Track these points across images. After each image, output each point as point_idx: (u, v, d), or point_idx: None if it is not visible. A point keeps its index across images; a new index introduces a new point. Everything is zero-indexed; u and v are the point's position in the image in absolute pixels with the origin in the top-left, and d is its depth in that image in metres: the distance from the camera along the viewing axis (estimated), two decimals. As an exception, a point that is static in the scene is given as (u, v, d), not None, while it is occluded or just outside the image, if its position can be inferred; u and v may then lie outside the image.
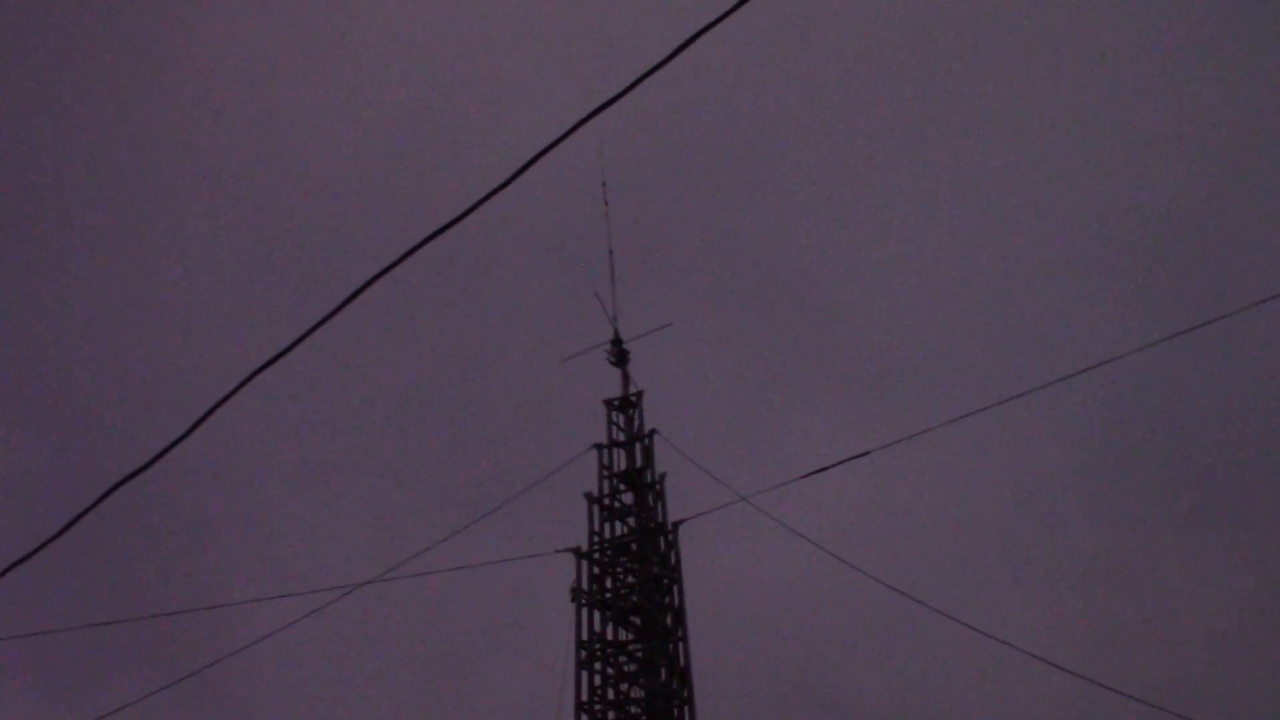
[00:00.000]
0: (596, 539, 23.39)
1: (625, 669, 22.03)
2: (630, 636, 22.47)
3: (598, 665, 21.90)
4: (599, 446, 24.75)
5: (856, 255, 47.60)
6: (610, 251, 26.14)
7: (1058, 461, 41.17)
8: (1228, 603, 36.50)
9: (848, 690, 36.16)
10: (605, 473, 24.43)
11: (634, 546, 23.37)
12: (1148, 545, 39.74)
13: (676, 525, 23.11)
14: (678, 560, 22.75)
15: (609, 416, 25.34)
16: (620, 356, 25.78)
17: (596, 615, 22.47)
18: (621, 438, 25.03)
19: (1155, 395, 39.65)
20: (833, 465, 22.23)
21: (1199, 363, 38.13)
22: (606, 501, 23.99)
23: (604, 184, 26.44)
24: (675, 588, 22.50)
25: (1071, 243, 45.20)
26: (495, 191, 10.97)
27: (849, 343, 46.21)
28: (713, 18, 9.93)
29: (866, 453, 22.24)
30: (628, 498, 24.13)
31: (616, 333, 25.74)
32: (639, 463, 24.52)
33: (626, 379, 25.67)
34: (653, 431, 24.86)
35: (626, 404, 25.43)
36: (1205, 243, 42.86)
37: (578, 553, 22.93)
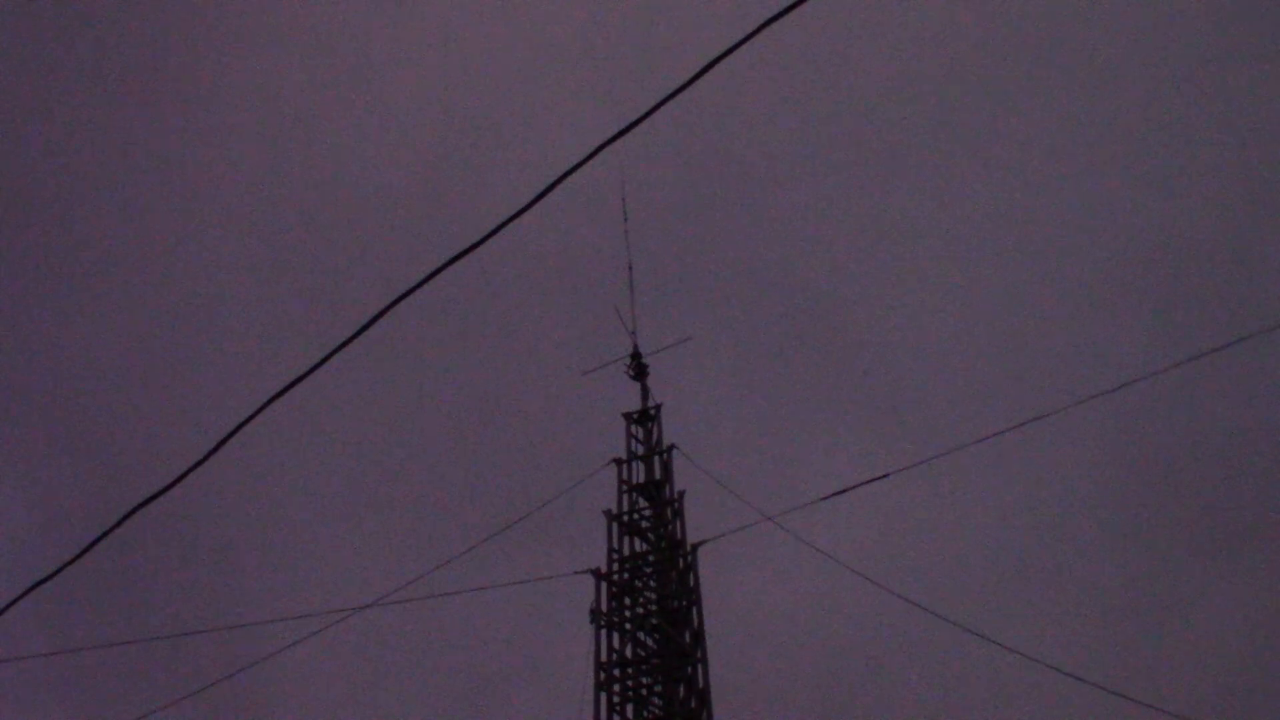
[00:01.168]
0: (616, 556, 23.28)
1: (644, 691, 21.89)
2: (650, 654, 22.34)
3: (616, 687, 21.77)
4: (618, 461, 24.66)
5: (877, 277, 47.53)
6: (630, 266, 26.14)
7: (1078, 486, 41.00)
8: (1252, 629, 36.30)
9: (872, 714, 36.05)
10: (624, 486, 24.34)
11: (651, 558, 23.29)
12: (1169, 570, 39.59)
13: (695, 547, 22.99)
14: (696, 582, 22.61)
15: (628, 429, 25.25)
16: (639, 370, 25.71)
17: (615, 636, 22.34)
18: (641, 451, 24.94)
19: (1176, 420, 39.48)
20: (855, 486, 22.18)
21: (1220, 387, 37.97)
22: (626, 518, 23.88)
23: (624, 199, 26.49)
24: (694, 609, 22.38)
25: (1093, 267, 45.08)
26: (517, 215, 10.98)
27: (869, 364, 46.15)
28: (735, 39, 9.93)
29: (887, 475, 22.19)
30: (647, 522, 24.03)
31: (636, 347, 25.72)
32: (658, 475, 24.46)
33: (646, 392, 25.60)
34: (671, 446, 24.78)
35: (645, 417, 25.35)
36: (1228, 266, 42.70)
37: (597, 574, 22.81)
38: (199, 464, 12.53)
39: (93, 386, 49.48)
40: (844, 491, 22.27)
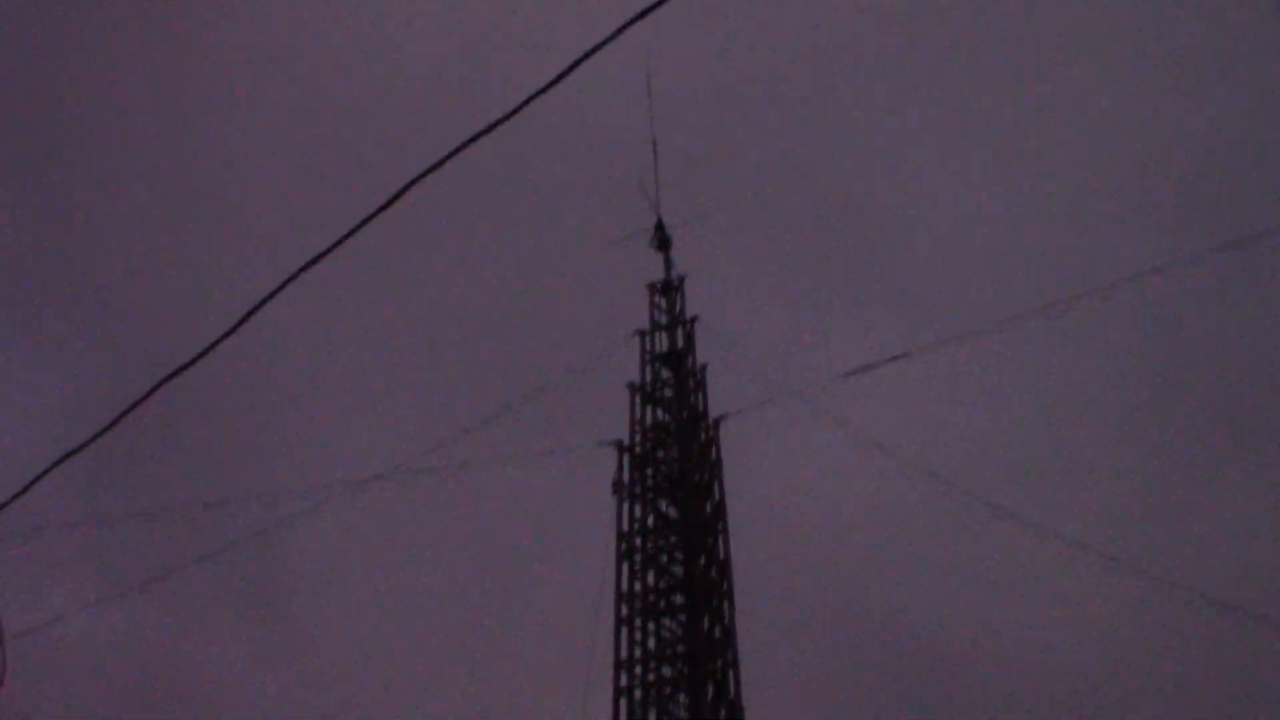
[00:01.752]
0: (638, 430, 23.45)
1: (665, 559, 22.12)
2: (672, 525, 22.54)
3: (638, 557, 22.02)
4: (641, 332, 24.77)
5: (904, 161, 47.11)
6: (654, 141, 25.94)
7: (1102, 371, 40.90)
8: (1271, 513, 36.34)
9: (890, 592, 36.31)
10: (648, 356, 24.46)
11: (673, 428, 23.45)
12: (1191, 454, 39.61)
13: (718, 420, 23.14)
14: (718, 455, 22.80)
15: (651, 300, 25.30)
16: (663, 241, 25.65)
17: (637, 506, 22.56)
18: (664, 321, 25.02)
19: (1200, 309, 39.27)
20: (878, 364, 22.29)
21: (1246, 284, 37.70)
22: (648, 389, 24.02)
23: (649, 75, 26.26)
24: (716, 482, 22.56)
25: (1121, 160, 44.57)
26: (543, 90, 10.88)
27: (894, 247, 45.86)
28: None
29: (908, 354, 22.29)
30: (669, 392, 24.17)
31: (660, 219, 25.62)
32: (680, 345, 24.56)
33: (669, 264, 25.59)
34: (694, 317, 24.87)
35: (669, 288, 25.38)
36: (1252, 163, 42.23)
37: (619, 445, 23.01)
38: (226, 336, 12.59)
39: (121, 260, 49.53)
40: (867, 369, 22.40)
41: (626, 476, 22.75)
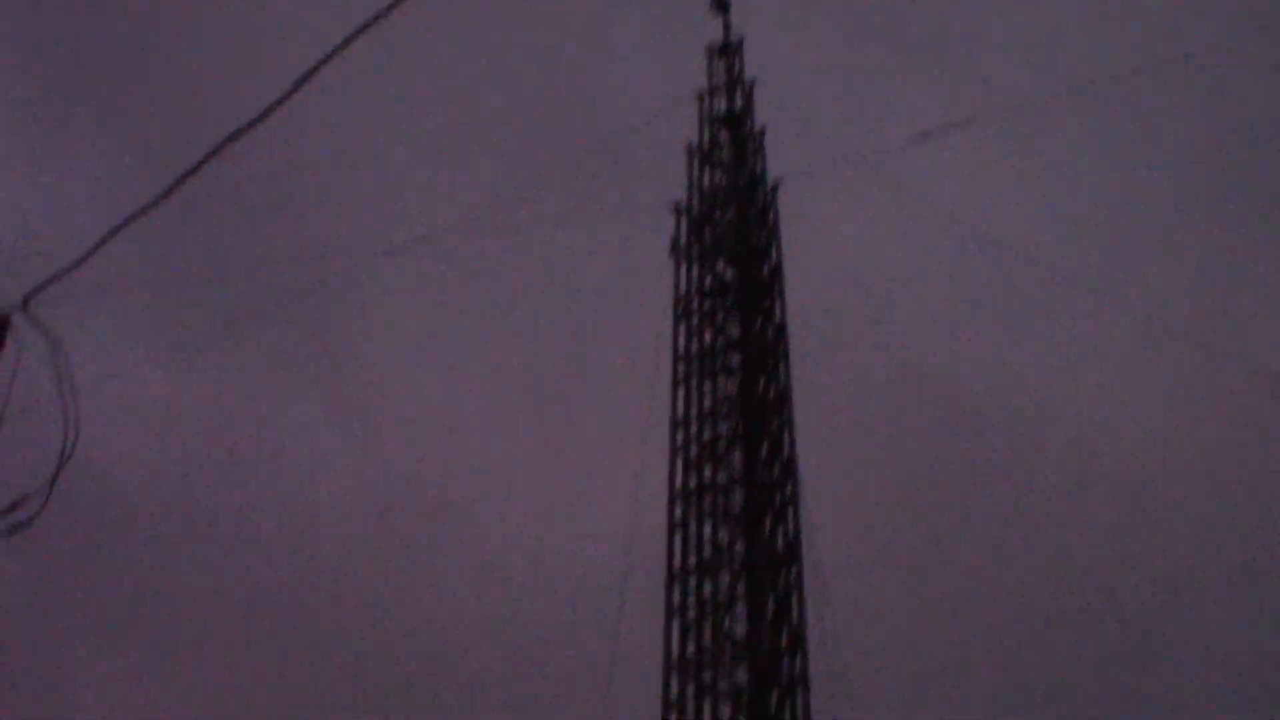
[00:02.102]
0: (696, 192, 23.51)
1: (721, 321, 22.32)
2: (729, 284, 22.71)
3: (695, 318, 22.24)
4: (700, 94, 24.71)
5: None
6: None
7: (1169, 149, 40.26)
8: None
9: (947, 360, 36.44)
10: (706, 119, 24.45)
11: (731, 190, 23.51)
12: (1256, 242, 39.17)
13: (776, 184, 23.17)
14: (776, 218, 22.87)
15: (710, 63, 25.20)
16: (723, 4, 25.45)
17: (694, 269, 22.72)
18: (723, 84, 24.94)
19: (1274, 90, 38.40)
20: (938, 131, 22.13)
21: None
22: (706, 151, 24.03)
23: None
24: (773, 245, 22.68)
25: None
26: None
27: (957, 20, 44.97)
28: None
29: (971, 120, 22.13)
30: (727, 155, 24.17)
31: (718, -20, 25.32)
32: (739, 107, 24.52)
33: (728, 27, 25.41)
34: (754, 80, 24.78)
35: (728, 49, 25.25)
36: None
37: (677, 207, 23.12)
38: (290, 94, 12.78)
39: (183, 19, 49.28)
40: (928, 135, 22.28)
41: (684, 238, 22.90)
